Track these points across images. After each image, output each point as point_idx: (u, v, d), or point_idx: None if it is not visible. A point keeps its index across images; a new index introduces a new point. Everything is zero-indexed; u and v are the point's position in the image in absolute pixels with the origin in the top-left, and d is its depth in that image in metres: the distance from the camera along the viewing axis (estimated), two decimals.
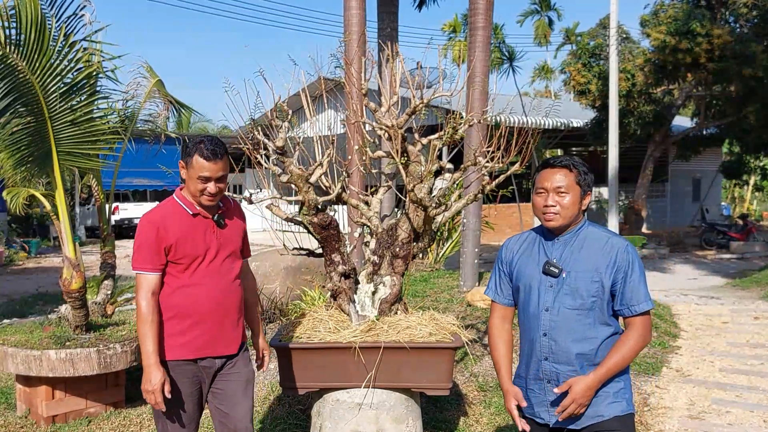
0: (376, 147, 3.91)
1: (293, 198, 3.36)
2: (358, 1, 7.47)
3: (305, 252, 3.68)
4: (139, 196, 22.68)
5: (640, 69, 14.84)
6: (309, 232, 3.45)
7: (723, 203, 26.82)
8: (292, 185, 3.30)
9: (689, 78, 15.02)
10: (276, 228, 4.16)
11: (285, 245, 3.75)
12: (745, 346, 6.52)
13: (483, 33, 7.68)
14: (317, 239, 3.45)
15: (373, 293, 3.48)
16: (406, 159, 3.36)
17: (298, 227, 3.51)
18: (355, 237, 3.93)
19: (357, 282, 3.51)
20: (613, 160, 13.28)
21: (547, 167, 2.43)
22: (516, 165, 3.72)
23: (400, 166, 3.33)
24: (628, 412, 2.40)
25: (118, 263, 5.70)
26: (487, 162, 3.57)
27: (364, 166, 3.76)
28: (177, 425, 2.76)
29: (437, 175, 3.53)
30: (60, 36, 4.23)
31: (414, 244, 3.51)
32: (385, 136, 3.41)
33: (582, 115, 18.28)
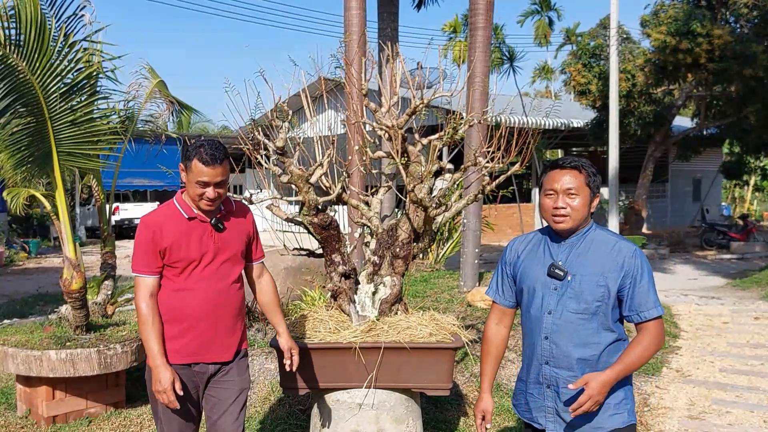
0: (376, 147, 3.91)
1: (293, 198, 3.36)
2: (358, 2, 7.48)
3: (305, 252, 3.68)
4: (140, 196, 22.71)
5: (640, 69, 14.84)
6: (309, 232, 3.45)
7: (723, 203, 26.81)
8: (292, 185, 3.30)
9: (689, 78, 15.02)
10: (276, 228, 4.16)
11: (285, 245, 3.75)
12: (746, 346, 6.52)
13: (483, 33, 7.68)
14: (317, 239, 3.45)
15: (374, 293, 3.48)
16: (406, 159, 3.36)
17: (298, 227, 3.50)
18: (356, 237, 3.93)
19: (357, 282, 3.51)
20: (614, 160, 13.28)
21: (556, 168, 2.37)
22: (516, 165, 3.72)
23: (400, 166, 3.32)
24: (629, 423, 2.34)
25: (118, 263, 5.71)
26: (488, 162, 3.57)
27: (364, 166, 3.76)
28: (176, 428, 2.75)
29: (437, 176, 3.53)
30: (60, 36, 4.23)
31: (414, 244, 3.51)
32: (386, 136, 3.41)
33: (582, 116, 18.29)
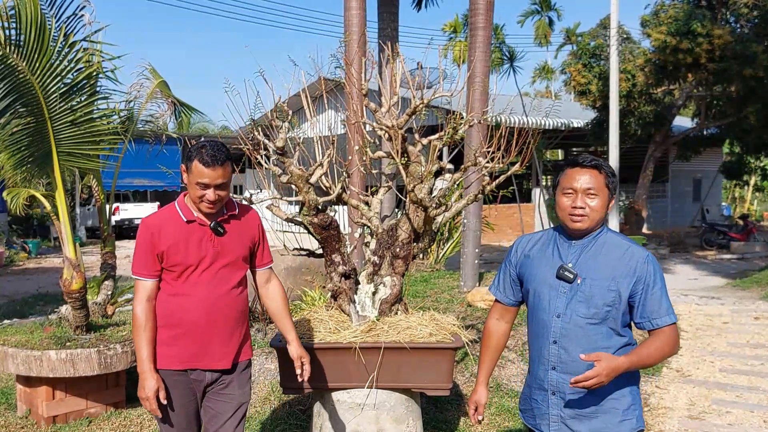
0: (376, 147, 3.91)
1: (293, 198, 3.36)
2: (358, 2, 7.48)
3: (305, 252, 3.68)
4: (140, 196, 22.70)
5: (640, 69, 14.83)
6: (309, 232, 3.45)
7: (723, 203, 26.81)
8: (292, 186, 3.30)
9: (690, 78, 15.01)
10: (276, 228, 4.16)
11: (285, 246, 3.75)
12: (746, 346, 6.51)
13: (483, 33, 7.68)
14: (317, 240, 3.45)
15: (374, 293, 3.48)
16: (406, 159, 3.36)
17: (298, 228, 3.50)
18: (356, 237, 3.93)
19: (357, 282, 3.51)
20: (614, 160, 13.27)
21: (576, 166, 2.28)
22: (516, 165, 3.72)
23: (400, 166, 3.32)
24: (638, 429, 2.29)
25: (118, 263, 5.70)
26: (488, 162, 3.57)
27: (364, 166, 3.76)
28: None
29: (437, 176, 3.53)
30: (60, 36, 4.23)
31: (414, 244, 3.51)
32: (386, 136, 3.41)
33: (582, 116, 18.29)
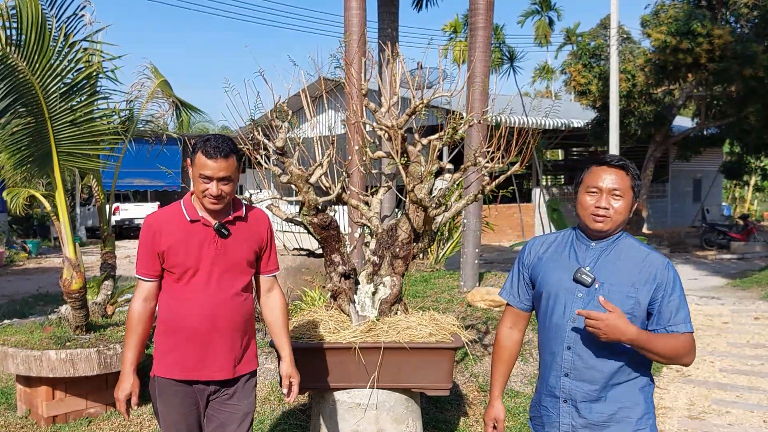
0: (376, 147, 3.92)
1: (293, 198, 3.36)
2: (358, 2, 7.48)
3: (305, 252, 3.68)
4: (140, 196, 22.71)
5: (640, 69, 14.83)
6: (309, 232, 3.45)
7: (723, 203, 26.81)
8: (292, 185, 3.30)
9: (690, 78, 15.01)
10: (276, 228, 4.16)
11: (285, 246, 3.75)
12: (746, 346, 6.51)
13: (483, 33, 7.68)
14: (317, 240, 3.45)
15: (373, 294, 3.48)
16: (406, 159, 3.36)
17: (298, 227, 3.50)
18: (356, 237, 3.93)
19: (357, 282, 3.51)
20: None
21: (603, 165, 2.20)
22: (516, 165, 3.72)
23: (400, 166, 3.32)
24: None
25: (118, 263, 5.71)
26: (487, 162, 3.57)
27: (364, 166, 3.76)
28: None
29: (437, 176, 3.53)
30: (60, 36, 4.24)
31: (414, 244, 3.51)
32: (385, 136, 3.41)
33: (582, 116, 18.29)
